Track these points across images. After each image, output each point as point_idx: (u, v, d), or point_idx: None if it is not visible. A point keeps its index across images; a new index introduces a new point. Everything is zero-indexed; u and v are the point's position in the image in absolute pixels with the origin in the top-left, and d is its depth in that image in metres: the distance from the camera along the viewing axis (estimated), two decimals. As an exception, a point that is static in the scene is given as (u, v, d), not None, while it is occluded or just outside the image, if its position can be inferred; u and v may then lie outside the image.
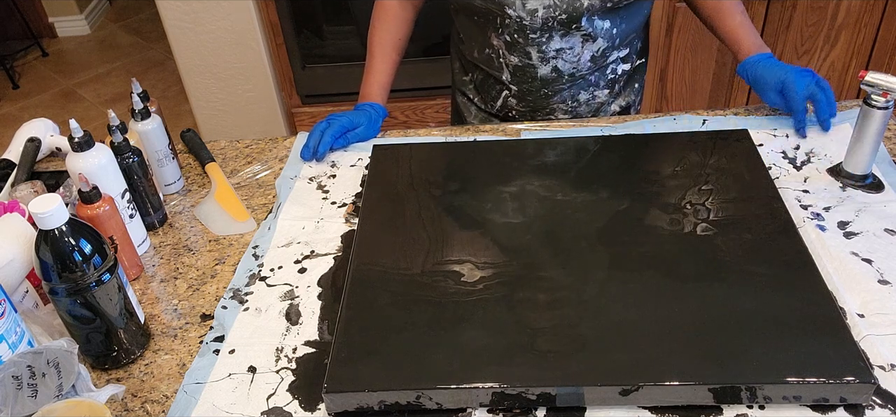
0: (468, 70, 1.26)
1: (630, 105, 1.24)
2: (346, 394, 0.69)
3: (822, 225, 0.88)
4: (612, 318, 0.73)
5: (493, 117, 1.25)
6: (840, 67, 2.13)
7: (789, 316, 0.71)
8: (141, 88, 1.02)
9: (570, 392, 0.68)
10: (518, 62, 1.12)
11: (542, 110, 1.19)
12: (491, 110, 1.24)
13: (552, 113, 1.19)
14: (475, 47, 1.18)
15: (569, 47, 1.09)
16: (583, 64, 1.12)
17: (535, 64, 1.11)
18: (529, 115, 1.20)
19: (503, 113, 1.23)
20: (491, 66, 1.17)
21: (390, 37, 1.20)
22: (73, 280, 0.71)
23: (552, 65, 1.11)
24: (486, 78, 1.21)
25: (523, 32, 1.08)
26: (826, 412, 0.67)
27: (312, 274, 0.88)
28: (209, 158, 1.12)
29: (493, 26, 1.10)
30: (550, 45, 1.09)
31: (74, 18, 3.87)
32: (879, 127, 0.89)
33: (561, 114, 1.19)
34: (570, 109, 1.19)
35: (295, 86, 2.37)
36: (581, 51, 1.10)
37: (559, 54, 1.10)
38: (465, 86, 1.28)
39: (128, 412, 0.74)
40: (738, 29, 1.10)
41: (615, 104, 1.22)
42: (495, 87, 1.20)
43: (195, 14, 2.19)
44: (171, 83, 3.29)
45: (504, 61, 1.14)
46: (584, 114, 1.20)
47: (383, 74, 1.20)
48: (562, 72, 1.12)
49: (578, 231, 0.85)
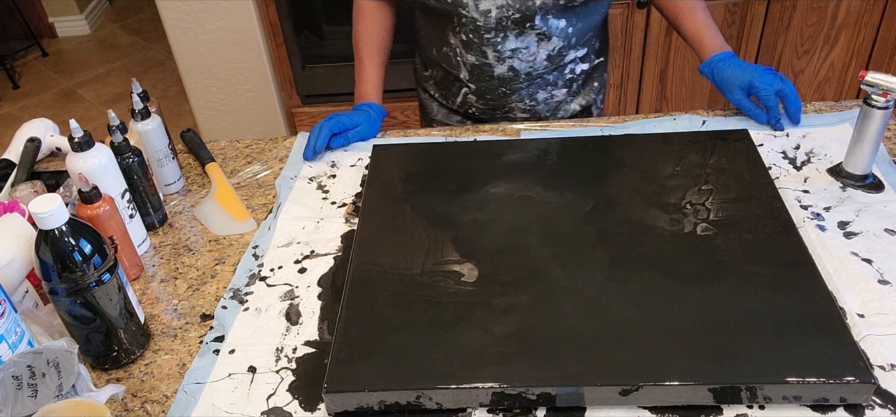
0: (428, 66, 1.26)
1: (590, 104, 1.25)
2: (346, 394, 0.69)
3: (822, 225, 0.88)
4: (612, 318, 0.73)
5: (455, 114, 1.26)
6: (840, 67, 2.13)
7: (789, 316, 0.71)
8: (141, 88, 1.02)
9: (570, 392, 0.68)
10: (475, 61, 1.13)
11: (501, 108, 1.19)
12: (452, 107, 1.24)
13: (511, 111, 1.20)
14: (433, 46, 1.18)
15: (524, 47, 1.10)
16: (539, 63, 1.12)
17: (491, 63, 1.12)
18: (489, 113, 1.21)
19: (464, 110, 1.23)
20: (449, 64, 1.17)
21: (374, 37, 1.20)
22: (73, 280, 0.71)
23: (508, 64, 1.12)
24: (445, 75, 1.21)
25: (478, 32, 1.08)
26: (826, 412, 0.67)
27: (312, 274, 0.88)
28: (209, 158, 1.12)
29: (449, 25, 1.11)
30: (506, 45, 1.09)
31: (74, 18, 3.87)
32: (879, 127, 0.89)
33: (520, 113, 1.20)
34: (528, 108, 1.19)
35: (295, 86, 2.37)
36: (536, 50, 1.10)
37: (515, 54, 1.10)
38: (427, 82, 1.28)
39: (128, 412, 0.74)
40: (702, 29, 1.11)
41: (574, 103, 1.22)
42: (455, 84, 1.20)
43: (195, 14, 2.19)
44: (171, 83, 3.29)
45: (461, 60, 1.14)
46: (543, 112, 1.20)
47: (375, 75, 1.20)
48: (518, 72, 1.13)
49: (578, 231, 0.85)
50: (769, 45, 2.08)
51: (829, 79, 2.15)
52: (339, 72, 2.32)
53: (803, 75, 2.15)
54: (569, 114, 1.23)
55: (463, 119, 1.25)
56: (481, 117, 1.22)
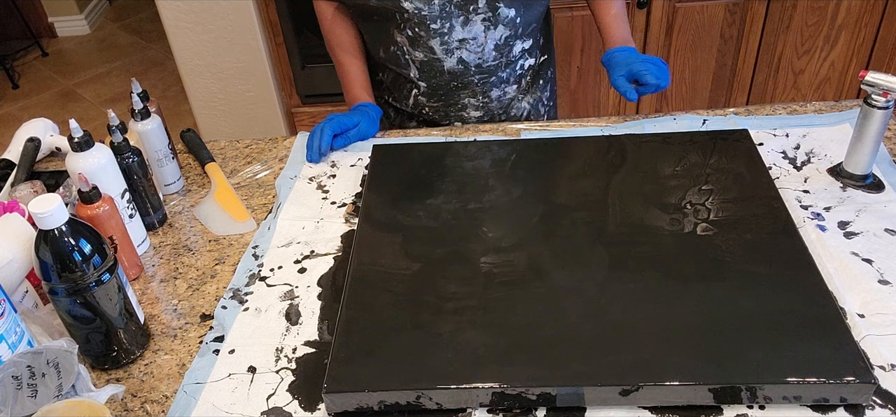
0: (378, 70, 1.25)
1: (538, 102, 1.25)
2: (346, 394, 0.69)
3: (822, 225, 0.88)
4: (612, 318, 0.73)
5: (410, 119, 1.25)
6: (840, 67, 2.13)
7: (789, 317, 0.71)
8: (141, 88, 1.02)
9: (570, 392, 0.68)
10: (423, 57, 1.12)
11: (454, 106, 1.19)
12: (405, 109, 1.24)
13: (464, 109, 1.19)
14: (380, 47, 1.17)
15: (471, 37, 1.10)
16: (488, 53, 1.12)
17: (440, 57, 1.12)
18: (442, 111, 1.20)
19: (416, 111, 1.22)
20: (398, 64, 1.16)
21: (347, 38, 1.20)
22: (73, 280, 0.71)
23: (457, 56, 1.12)
24: (396, 77, 1.20)
25: (424, 24, 1.08)
26: (826, 412, 0.67)
27: (312, 274, 0.88)
28: (209, 158, 1.12)
29: (393, 24, 1.10)
30: (452, 35, 1.09)
31: (74, 18, 3.87)
32: (879, 127, 0.89)
33: (473, 111, 1.20)
34: (481, 106, 1.19)
35: (295, 86, 2.37)
36: (484, 40, 1.10)
37: (462, 44, 1.10)
38: (380, 87, 1.27)
39: (127, 412, 0.74)
40: (613, 22, 1.15)
41: (524, 101, 1.23)
42: (405, 86, 1.20)
43: (195, 14, 2.18)
44: (171, 83, 3.29)
45: (410, 58, 1.14)
46: (496, 110, 1.21)
47: (360, 76, 1.20)
48: (468, 64, 1.13)
49: (578, 230, 0.85)
50: (769, 45, 2.08)
51: (829, 79, 2.15)
52: (339, 72, 2.33)
53: (803, 75, 2.15)
54: (521, 112, 1.23)
55: (417, 124, 1.25)
56: (434, 118, 1.22)
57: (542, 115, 1.28)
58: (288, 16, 2.20)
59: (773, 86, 2.17)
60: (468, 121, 1.21)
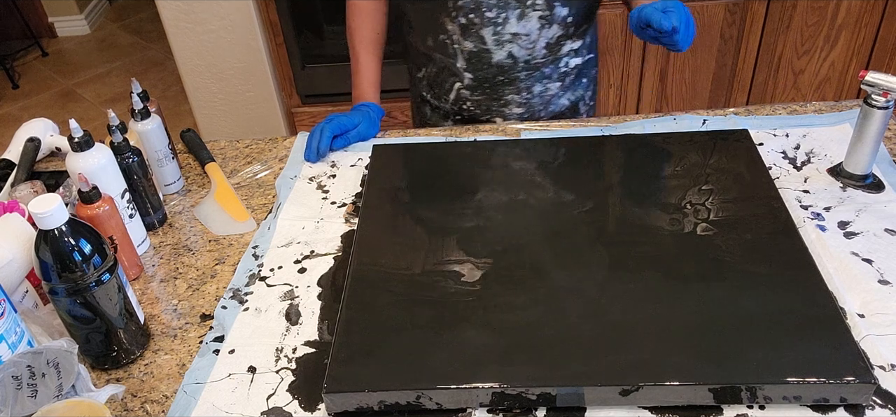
0: (421, 65, 1.24)
1: (579, 100, 1.24)
2: (346, 394, 0.69)
3: (822, 225, 0.88)
4: (612, 318, 0.73)
5: (447, 118, 1.25)
6: (840, 67, 2.13)
7: (789, 317, 0.71)
8: (141, 88, 1.02)
9: (570, 392, 0.68)
10: (472, 47, 1.12)
11: (497, 101, 1.18)
12: (444, 105, 1.23)
13: (506, 106, 1.19)
14: (428, 35, 1.16)
15: (525, 32, 1.09)
16: (538, 51, 1.12)
17: (489, 48, 1.11)
18: (484, 105, 1.19)
19: (457, 107, 1.22)
20: (445, 53, 1.15)
21: (369, 33, 1.20)
22: (73, 280, 0.71)
23: (507, 50, 1.11)
24: (439, 71, 1.20)
25: (479, 11, 1.07)
26: (826, 412, 0.67)
27: (312, 274, 0.88)
28: (209, 158, 1.12)
29: (446, 11, 1.10)
30: (506, 28, 1.08)
31: (74, 18, 3.87)
32: (879, 127, 0.89)
33: (514, 107, 1.19)
34: (523, 102, 1.18)
35: (295, 86, 2.37)
36: (537, 37, 1.10)
37: (514, 39, 1.10)
38: (420, 83, 1.26)
39: (127, 412, 0.74)
40: None
41: (565, 98, 1.22)
42: (449, 79, 1.19)
43: (195, 14, 2.19)
44: (171, 83, 3.29)
45: (458, 47, 1.13)
46: (537, 106, 1.20)
47: (372, 72, 1.20)
48: (517, 59, 1.12)
49: (578, 231, 0.85)
50: (769, 45, 2.08)
51: (829, 79, 2.15)
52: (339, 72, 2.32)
53: (803, 75, 2.15)
54: (560, 109, 1.22)
55: (454, 123, 1.24)
56: (475, 114, 1.21)
57: (581, 114, 1.26)
58: (288, 16, 2.20)
59: (773, 87, 2.17)
60: (508, 117, 1.20)
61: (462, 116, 1.23)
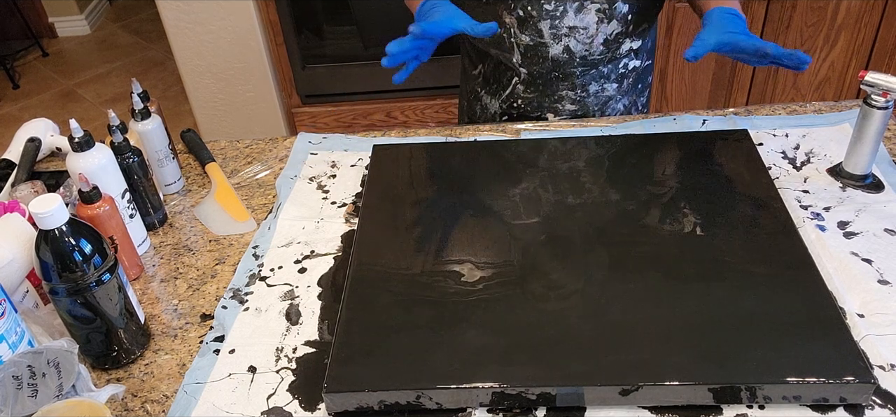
0: (477, 62, 1.23)
1: (633, 105, 1.23)
2: (346, 394, 0.69)
3: (822, 225, 0.88)
4: (611, 318, 0.73)
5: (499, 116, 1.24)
6: (840, 67, 2.13)
7: (789, 316, 0.71)
8: (141, 88, 1.02)
9: (570, 392, 0.68)
10: (529, 41, 1.10)
11: (550, 97, 1.17)
12: (498, 99, 1.22)
13: (560, 101, 1.17)
14: None
15: (583, 27, 1.07)
16: (595, 47, 1.10)
17: (546, 42, 1.09)
18: (537, 102, 1.18)
19: (509, 102, 1.20)
20: (502, 48, 1.14)
21: None
22: (73, 280, 0.71)
23: (564, 44, 1.09)
24: (496, 66, 1.19)
25: (537, 3, 1.06)
26: (826, 412, 0.67)
27: (312, 274, 0.88)
28: (209, 158, 1.12)
29: (504, 3, 1.08)
30: (564, 20, 1.07)
31: (74, 18, 3.87)
32: (879, 127, 0.89)
33: (568, 104, 1.17)
34: (577, 99, 1.17)
35: (295, 86, 2.37)
36: (595, 32, 1.08)
37: (572, 32, 1.08)
38: (475, 81, 1.25)
39: (128, 412, 0.74)
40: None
41: (620, 103, 1.21)
42: (506, 74, 1.18)
43: (195, 14, 2.19)
44: (171, 83, 3.29)
45: (515, 41, 1.11)
46: (592, 106, 1.18)
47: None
48: (574, 54, 1.10)
49: (578, 231, 0.85)
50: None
51: (829, 79, 2.15)
52: (340, 72, 2.33)
53: (803, 75, 2.15)
54: (616, 112, 1.20)
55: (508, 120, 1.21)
56: (525, 111, 1.19)
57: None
58: (288, 16, 2.20)
59: (773, 87, 2.17)
60: (561, 114, 1.18)
61: (513, 113, 1.21)
